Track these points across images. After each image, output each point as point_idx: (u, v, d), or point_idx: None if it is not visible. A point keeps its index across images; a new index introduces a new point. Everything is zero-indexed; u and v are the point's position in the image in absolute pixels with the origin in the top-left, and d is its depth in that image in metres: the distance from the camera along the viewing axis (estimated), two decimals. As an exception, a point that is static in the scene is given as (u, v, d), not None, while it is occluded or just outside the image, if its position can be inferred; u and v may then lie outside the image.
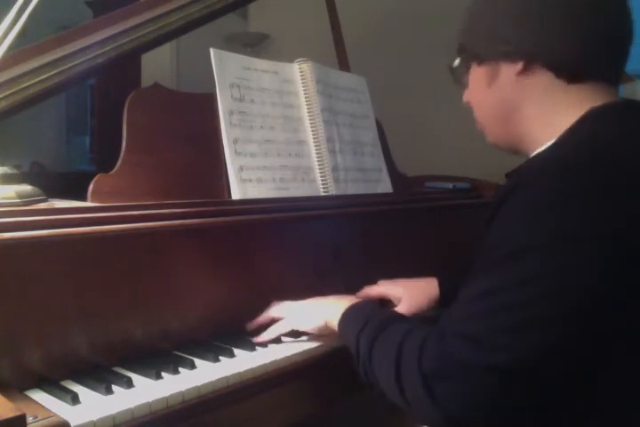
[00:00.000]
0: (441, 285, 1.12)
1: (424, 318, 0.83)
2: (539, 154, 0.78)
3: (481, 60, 0.83)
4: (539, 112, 0.79)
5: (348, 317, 0.86)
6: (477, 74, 0.84)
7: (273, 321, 0.98)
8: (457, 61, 0.89)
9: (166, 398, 0.75)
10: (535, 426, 0.70)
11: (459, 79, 0.90)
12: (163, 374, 0.81)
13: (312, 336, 0.98)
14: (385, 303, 1.12)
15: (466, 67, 0.87)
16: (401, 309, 1.07)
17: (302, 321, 0.95)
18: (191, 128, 1.09)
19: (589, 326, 0.62)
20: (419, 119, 2.18)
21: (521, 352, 0.62)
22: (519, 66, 0.78)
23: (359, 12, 2.15)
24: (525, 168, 0.71)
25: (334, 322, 0.88)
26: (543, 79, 0.77)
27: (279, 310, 0.98)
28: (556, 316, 0.62)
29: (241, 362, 0.87)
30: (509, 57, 0.79)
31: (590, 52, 0.75)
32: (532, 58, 0.77)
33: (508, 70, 0.79)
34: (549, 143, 0.76)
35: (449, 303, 0.71)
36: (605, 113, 0.73)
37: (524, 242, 0.64)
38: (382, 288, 1.14)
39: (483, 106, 0.87)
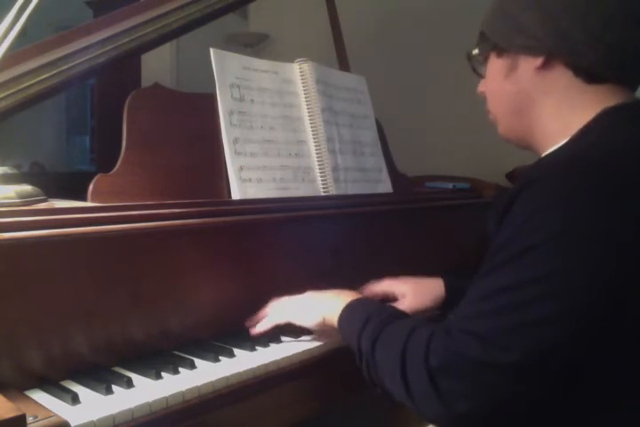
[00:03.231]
0: (447, 285, 1.11)
1: (426, 318, 0.83)
2: (549, 154, 0.77)
3: (500, 51, 0.82)
4: (554, 108, 0.78)
5: (347, 314, 0.85)
6: (496, 65, 0.83)
7: None
8: (476, 50, 0.87)
9: (166, 398, 0.75)
10: (537, 425, 0.70)
11: (476, 68, 0.89)
12: (163, 374, 0.81)
13: (312, 336, 0.98)
14: (388, 300, 1.12)
15: (484, 56, 0.86)
16: (404, 305, 1.07)
17: (300, 316, 0.94)
18: (191, 128, 1.09)
19: (598, 325, 0.62)
20: (419, 119, 2.17)
21: (528, 351, 0.62)
22: (539, 61, 0.77)
23: (359, 12, 2.15)
24: (535, 168, 0.70)
25: (333, 318, 0.87)
26: (562, 76, 0.76)
27: (276, 306, 0.98)
28: (564, 315, 0.61)
29: (241, 362, 0.87)
30: (530, 51, 0.77)
31: (615, 60, 0.74)
32: (553, 55, 0.76)
33: (527, 64, 0.78)
34: (562, 142, 0.75)
35: (453, 305, 0.71)
36: (619, 113, 0.73)
37: (531, 241, 0.64)
38: (387, 284, 1.13)
39: (498, 97, 0.85)
